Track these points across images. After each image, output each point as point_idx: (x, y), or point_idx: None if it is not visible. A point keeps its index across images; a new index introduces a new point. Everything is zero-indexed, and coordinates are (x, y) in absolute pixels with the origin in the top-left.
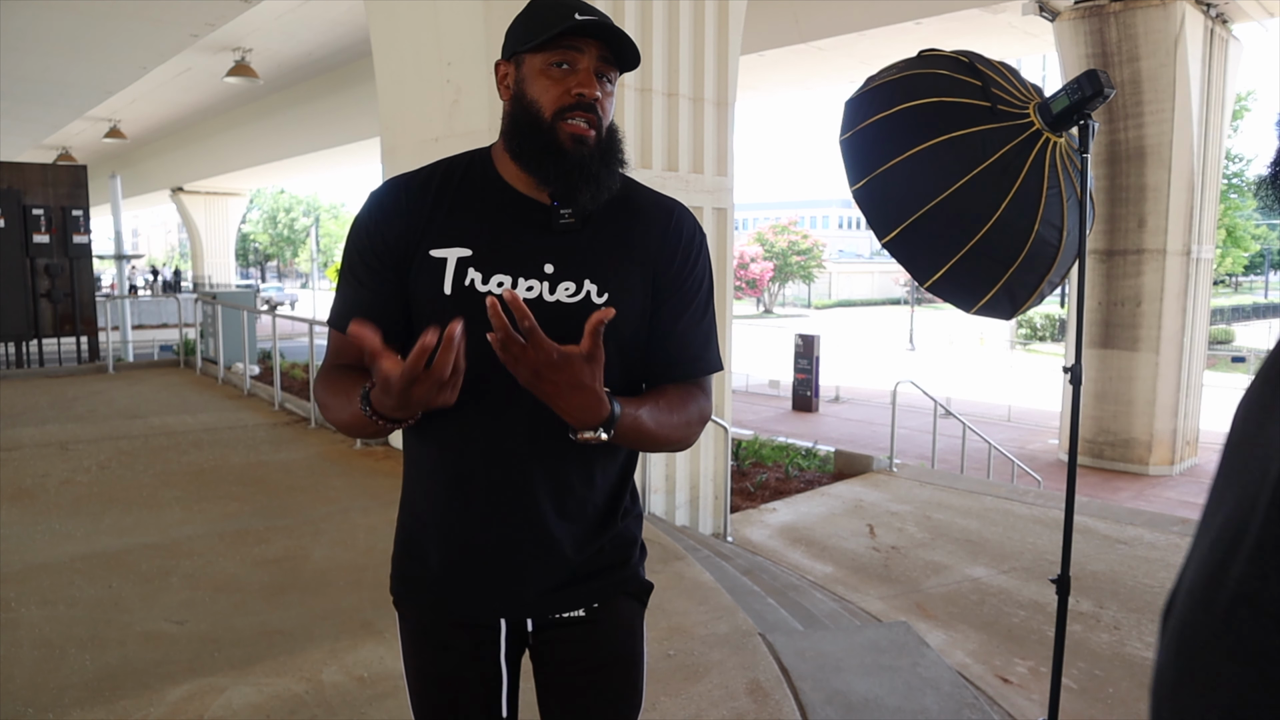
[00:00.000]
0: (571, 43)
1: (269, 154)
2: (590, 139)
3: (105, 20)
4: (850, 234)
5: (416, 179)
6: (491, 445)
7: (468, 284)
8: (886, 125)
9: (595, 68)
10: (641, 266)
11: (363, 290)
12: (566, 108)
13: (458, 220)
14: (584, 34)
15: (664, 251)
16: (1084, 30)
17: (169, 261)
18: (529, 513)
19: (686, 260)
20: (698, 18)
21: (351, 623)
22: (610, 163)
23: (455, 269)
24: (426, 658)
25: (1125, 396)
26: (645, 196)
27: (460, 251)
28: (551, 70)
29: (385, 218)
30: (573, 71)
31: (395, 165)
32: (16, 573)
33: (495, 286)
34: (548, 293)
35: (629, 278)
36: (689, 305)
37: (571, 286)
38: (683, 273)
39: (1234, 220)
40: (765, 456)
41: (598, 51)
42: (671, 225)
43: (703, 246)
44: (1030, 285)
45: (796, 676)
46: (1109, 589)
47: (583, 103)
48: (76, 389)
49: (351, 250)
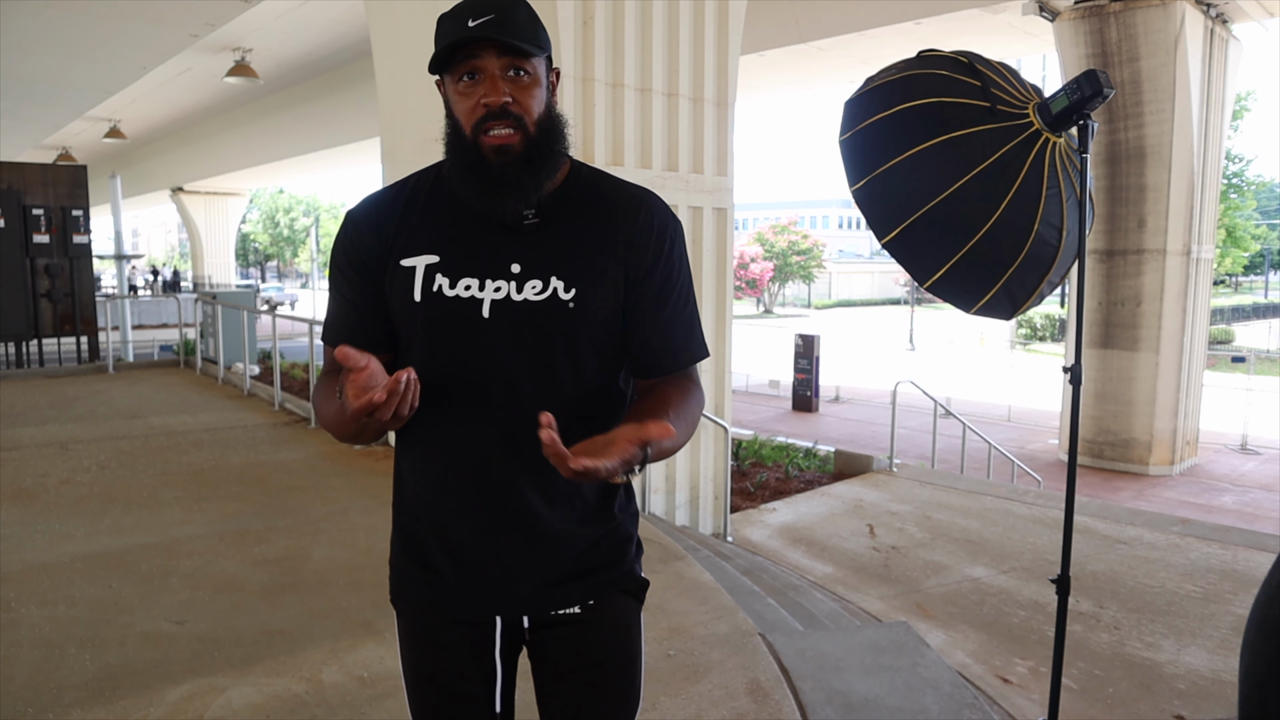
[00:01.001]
0: (469, 52)
1: (269, 154)
2: (514, 144)
3: (105, 20)
4: (850, 234)
5: (388, 195)
6: (471, 445)
7: (435, 290)
8: (886, 125)
9: (501, 67)
10: (612, 259)
11: (345, 305)
12: (480, 120)
13: (425, 229)
14: (468, 44)
15: (636, 243)
16: (1084, 30)
17: (169, 261)
18: (516, 506)
19: (661, 250)
20: (698, 18)
21: (351, 623)
22: (540, 162)
23: (424, 276)
24: (423, 656)
25: (1125, 396)
26: (614, 188)
27: (428, 259)
28: (462, 85)
29: (359, 234)
30: (479, 81)
31: (395, 165)
32: (16, 573)
33: (462, 290)
34: (515, 292)
35: (597, 271)
36: (670, 295)
37: (538, 284)
38: (658, 263)
39: (1234, 220)
40: (765, 456)
41: (497, 50)
42: (641, 216)
43: (677, 235)
44: (1030, 285)
45: (796, 676)
46: (1109, 589)
47: (491, 112)
48: (76, 389)
49: (333, 267)
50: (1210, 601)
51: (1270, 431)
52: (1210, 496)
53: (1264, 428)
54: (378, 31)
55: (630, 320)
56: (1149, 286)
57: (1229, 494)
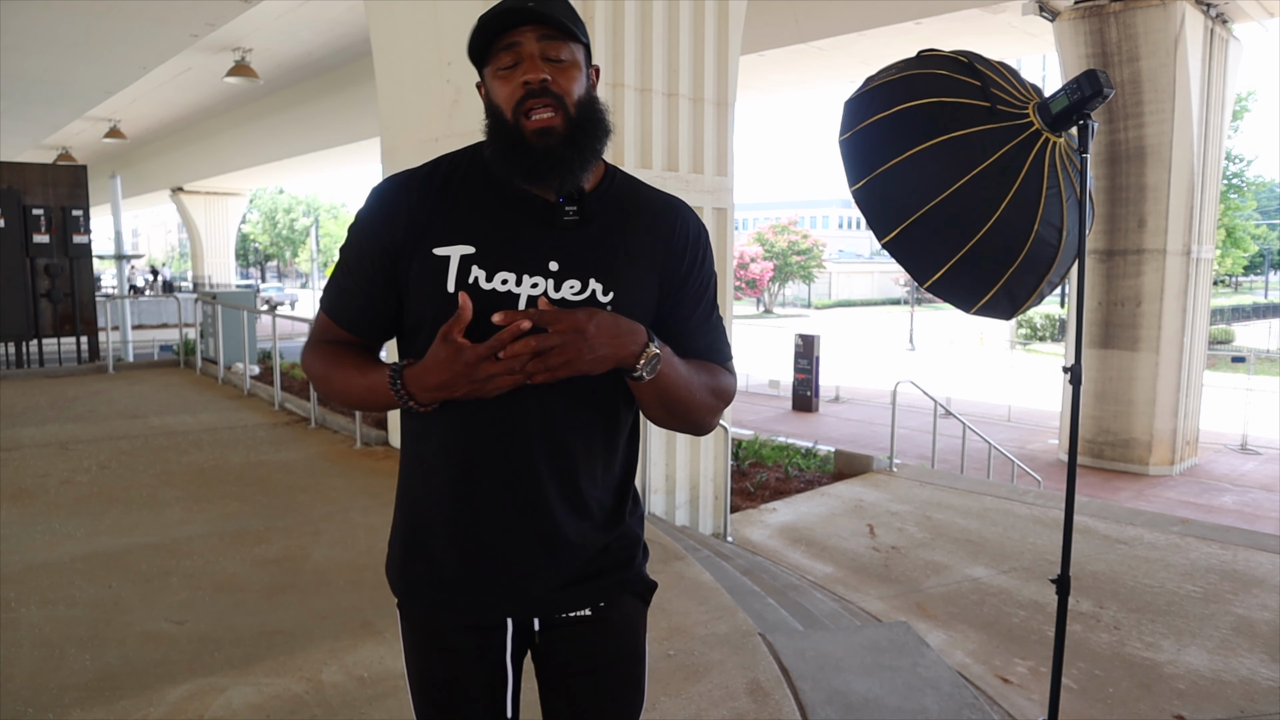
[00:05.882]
0: (508, 40)
1: (269, 154)
2: (556, 126)
3: (105, 20)
4: (850, 234)
5: (418, 175)
6: (497, 443)
7: (471, 282)
8: (886, 125)
9: (540, 50)
10: (649, 265)
11: (356, 280)
12: (520, 100)
13: (461, 217)
14: (510, 27)
15: (672, 250)
16: (1084, 30)
17: (168, 262)
18: (538, 508)
19: (695, 259)
20: (698, 18)
21: (351, 623)
22: (584, 141)
23: (459, 267)
24: (431, 660)
25: (1125, 396)
26: (649, 193)
27: (463, 249)
28: (502, 72)
29: (388, 214)
30: (519, 64)
31: (395, 165)
32: (16, 573)
33: (499, 284)
34: (552, 290)
35: (635, 275)
36: (700, 302)
37: (577, 285)
38: (692, 271)
39: (1234, 220)
40: (765, 456)
41: (536, 33)
42: (678, 224)
43: (708, 244)
44: (1030, 285)
45: (796, 676)
46: (1109, 589)
47: (531, 90)
48: (76, 389)
49: (353, 244)
50: (1210, 601)
51: (1270, 431)
52: (1210, 496)
53: (1264, 428)
54: (378, 31)
55: (668, 326)
56: (1149, 286)
57: (1229, 494)
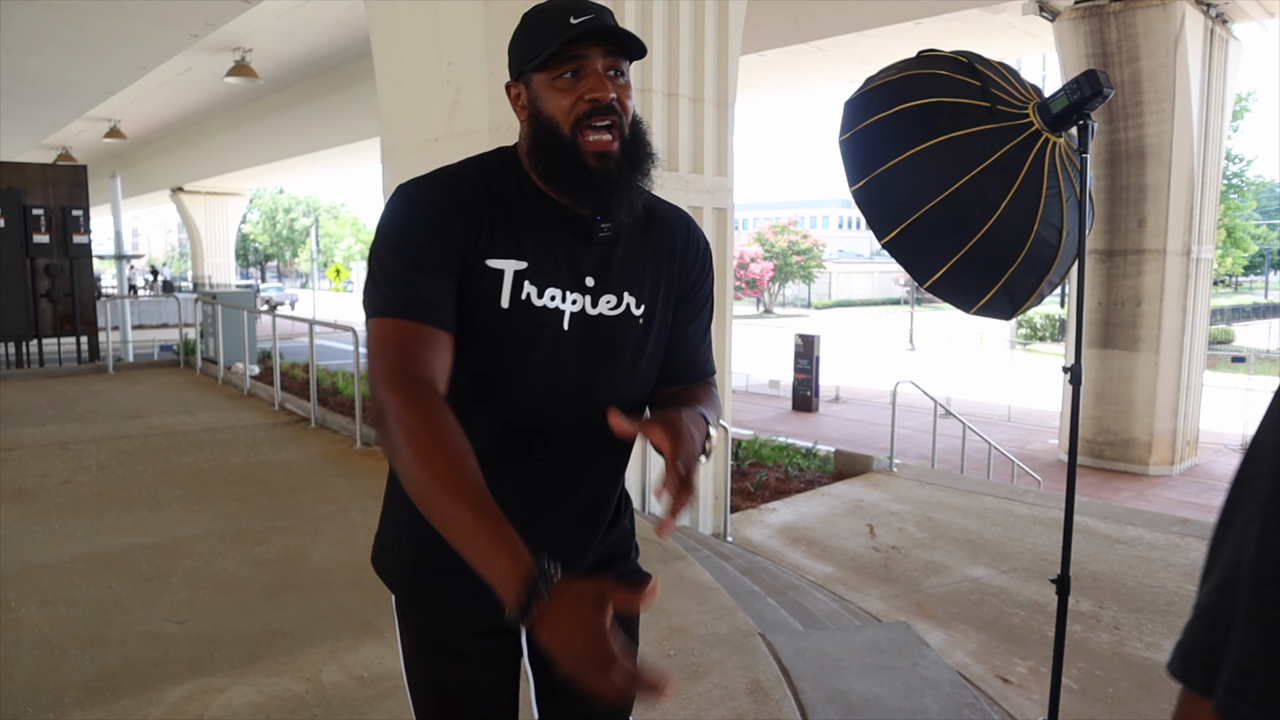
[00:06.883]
0: (576, 51)
1: (269, 154)
2: (614, 151)
3: (105, 20)
4: (850, 234)
5: (464, 183)
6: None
7: (524, 298)
8: (886, 126)
9: (605, 65)
10: (668, 276)
11: (437, 268)
12: (583, 116)
13: (511, 230)
14: (584, 40)
15: (685, 261)
16: (1084, 30)
17: (168, 261)
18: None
19: (703, 271)
20: (698, 18)
21: (351, 623)
22: (639, 166)
23: (513, 281)
24: (438, 666)
25: (1125, 396)
26: (661, 205)
27: (516, 264)
28: (560, 82)
29: (452, 215)
30: (582, 77)
31: (395, 165)
32: (16, 573)
33: (549, 301)
34: (590, 306)
35: (661, 288)
36: (699, 312)
37: (613, 299)
38: (699, 283)
39: (1234, 220)
40: (765, 456)
41: (603, 49)
42: (691, 236)
43: (710, 256)
44: (1030, 285)
45: (796, 676)
46: (1109, 589)
47: (598, 107)
48: (76, 389)
49: (412, 238)
50: None
51: None
52: (1210, 496)
53: None
54: (378, 31)
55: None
56: (1149, 286)
57: None
